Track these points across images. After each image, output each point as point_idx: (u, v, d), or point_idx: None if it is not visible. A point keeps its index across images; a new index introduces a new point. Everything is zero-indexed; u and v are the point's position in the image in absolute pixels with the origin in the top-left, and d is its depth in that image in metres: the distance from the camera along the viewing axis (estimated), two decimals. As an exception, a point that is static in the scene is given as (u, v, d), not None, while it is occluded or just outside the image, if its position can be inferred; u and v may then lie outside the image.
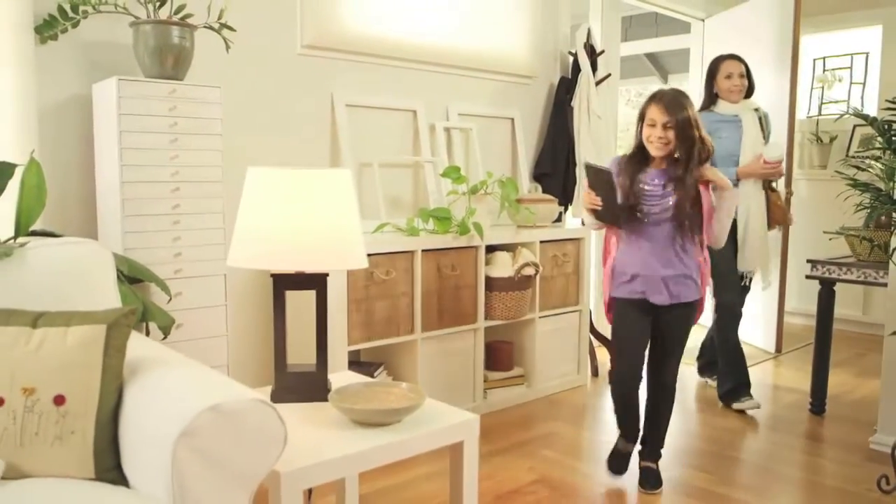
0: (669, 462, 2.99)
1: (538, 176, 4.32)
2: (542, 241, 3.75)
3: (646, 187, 2.60)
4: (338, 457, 1.75)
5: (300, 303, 2.79)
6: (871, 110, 5.31)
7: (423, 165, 3.74)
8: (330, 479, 1.77)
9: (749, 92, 3.70)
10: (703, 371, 4.13)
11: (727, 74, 3.62)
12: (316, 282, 2.11)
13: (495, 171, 3.92)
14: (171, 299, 2.57)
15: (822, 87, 5.97)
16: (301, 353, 2.81)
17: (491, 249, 3.57)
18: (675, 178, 2.56)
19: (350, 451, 1.77)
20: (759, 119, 3.68)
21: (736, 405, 3.64)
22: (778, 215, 3.74)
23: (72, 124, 2.72)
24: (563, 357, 3.97)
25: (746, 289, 3.82)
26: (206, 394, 1.54)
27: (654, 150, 2.58)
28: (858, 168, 3.24)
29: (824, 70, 5.98)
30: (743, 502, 2.65)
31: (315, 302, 2.13)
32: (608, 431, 3.34)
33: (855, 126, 5.54)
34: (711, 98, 3.71)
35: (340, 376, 2.35)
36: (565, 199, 4.29)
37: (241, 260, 2.06)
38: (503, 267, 3.52)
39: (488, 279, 3.51)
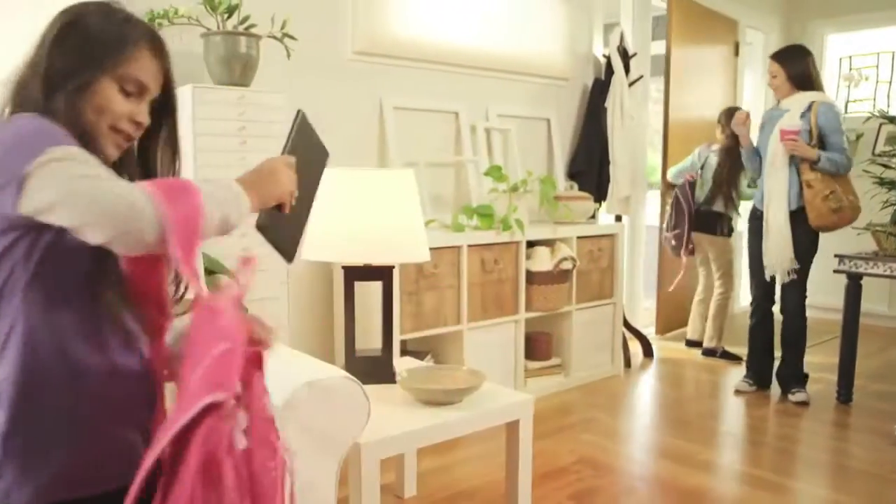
0: (701, 444, 3.16)
1: (573, 174, 4.49)
2: (578, 237, 3.93)
3: None
4: (410, 430, 1.94)
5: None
6: (898, 108, 5.43)
7: (465, 164, 3.92)
8: (403, 451, 1.97)
9: (803, 85, 3.66)
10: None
11: (770, 74, 3.77)
12: (382, 274, 2.30)
13: (532, 169, 4.09)
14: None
15: (849, 86, 6.09)
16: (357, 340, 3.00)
17: (531, 244, 3.75)
18: None
19: (420, 426, 1.97)
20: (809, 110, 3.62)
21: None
22: (813, 215, 3.58)
23: (146, 128, 2.93)
24: (597, 348, 4.15)
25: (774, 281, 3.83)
26: (301, 371, 1.74)
27: None
28: (885, 166, 3.39)
29: (850, 68, 6.09)
30: (771, 482, 2.82)
31: (381, 292, 2.32)
32: (644, 418, 3.51)
33: (881, 124, 5.65)
34: None
35: (399, 362, 2.55)
36: (599, 196, 4.46)
37: (314, 253, 2.25)
38: (543, 261, 3.70)
39: (528, 273, 3.69)
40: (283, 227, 1.29)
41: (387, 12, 3.54)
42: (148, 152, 1.30)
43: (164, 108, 1.29)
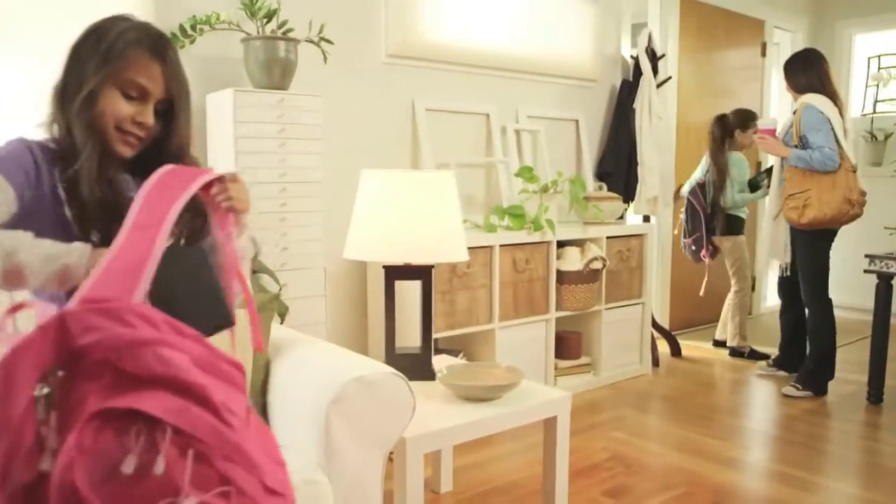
0: (730, 441, 3.19)
1: (601, 175, 4.52)
2: (608, 237, 3.96)
3: None
4: (454, 425, 1.99)
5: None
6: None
7: (496, 165, 3.96)
8: (447, 445, 2.01)
9: (801, 89, 3.84)
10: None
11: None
12: (422, 273, 2.36)
13: (561, 170, 4.13)
14: (281, 289, 2.83)
15: (877, 85, 6.07)
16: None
17: (561, 245, 3.79)
18: None
19: (463, 421, 2.01)
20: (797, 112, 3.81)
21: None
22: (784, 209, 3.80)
23: (187, 131, 3.00)
24: (626, 347, 4.18)
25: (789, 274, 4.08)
26: (348, 367, 1.79)
27: None
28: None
29: (879, 68, 6.07)
30: (802, 479, 2.84)
31: (420, 291, 2.38)
32: (673, 416, 3.54)
33: (910, 124, 5.64)
34: None
35: (435, 360, 2.60)
36: (627, 196, 4.48)
37: (356, 252, 2.31)
38: (573, 261, 3.73)
39: (559, 272, 3.73)
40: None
41: (419, 16, 3.60)
42: (160, 153, 1.37)
43: (170, 111, 1.38)
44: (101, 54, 1.29)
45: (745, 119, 4.58)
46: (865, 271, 3.75)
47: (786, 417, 3.57)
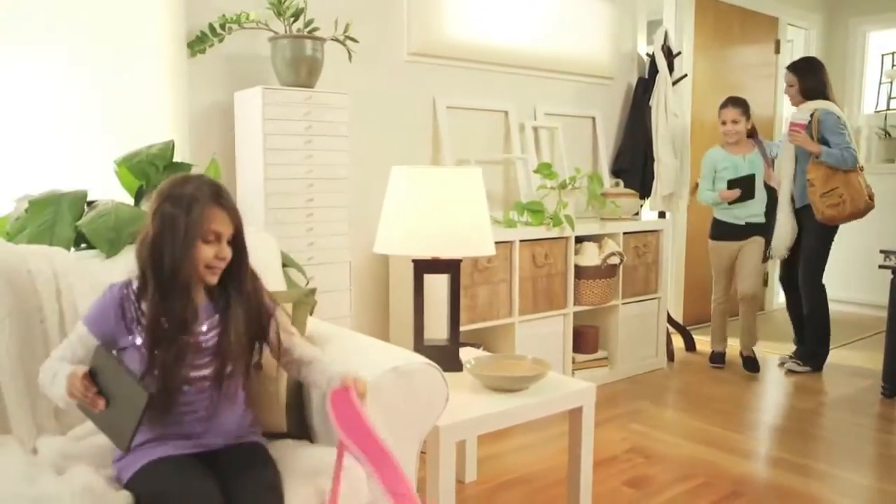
0: (747, 434, 3.24)
1: (617, 171, 4.57)
2: (625, 233, 4.01)
3: None
4: (483, 415, 2.05)
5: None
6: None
7: (514, 162, 4.02)
8: (478, 434, 2.07)
9: (813, 96, 4.06)
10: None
11: (787, 83, 4.20)
12: (450, 266, 2.41)
13: (579, 166, 4.18)
14: (308, 283, 2.89)
15: (891, 82, 6.09)
16: (407, 330, 3.11)
17: (579, 240, 3.84)
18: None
19: (492, 411, 2.07)
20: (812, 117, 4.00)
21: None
22: (815, 211, 3.99)
23: (215, 127, 3.06)
24: (643, 341, 4.23)
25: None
26: (384, 358, 1.85)
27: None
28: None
29: (893, 65, 6.09)
30: (817, 470, 2.89)
31: (448, 284, 2.43)
32: (690, 408, 3.59)
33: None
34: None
35: (462, 351, 2.65)
36: (643, 193, 4.53)
37: (386, 247, 2.37)
38: (591, 256, 3.79)
39: (577, 268, 3.79)
40: (103, 420, 1.56)
41: (440, 15, 3.66)
42: (232, 271, 1.69)
43: (238, 239, 1.69)
44: (181, 229, 1.57)
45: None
46: (880, 267, 3.79)
47: (801, 411, 3.62)
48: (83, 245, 2.21)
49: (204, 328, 1.65)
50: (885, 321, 3.84)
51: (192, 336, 1.61)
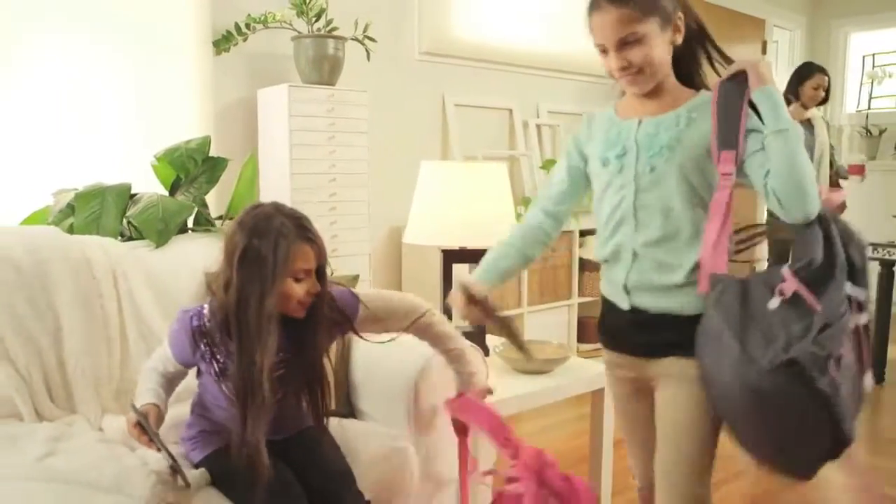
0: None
1: (615, 167, 4.72)
2: (625, 227, 4.15)
3: None
4: (516, 394, 2.17)
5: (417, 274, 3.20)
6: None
7: (518, 158, 4.15)
8: (512, 412, 2.20)
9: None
10: None
11: (821, 87, 4.04)
12: (477, 256, 2.53)
13: (580, 163, 4.32)
14: (332, 274, 2.99)
15: (872, 82, 6.30)
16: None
17: (583, 234, 3.98)
18: None
19: (524, 391, 2.20)
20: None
21: None
22: None
23: (239, 123, 3.16)
24: (641, 332, 4.38)
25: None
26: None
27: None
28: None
29: (874, 66, 6.31)
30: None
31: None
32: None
33: (904, 119, 5.88)
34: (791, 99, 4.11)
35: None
36: (641, 188, 4.69)
37: (417, 237, 2.49)
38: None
39: (581, 260, 3.93)
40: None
41: (451, 15, 3.78)
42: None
43: (321, 268, 1.61)
44: (269, 266, 1.47)
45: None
46: (868, 259, 3.96)
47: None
48: (127, 236, 2.31)
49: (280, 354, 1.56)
50: (873, 312, 4.02)
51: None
